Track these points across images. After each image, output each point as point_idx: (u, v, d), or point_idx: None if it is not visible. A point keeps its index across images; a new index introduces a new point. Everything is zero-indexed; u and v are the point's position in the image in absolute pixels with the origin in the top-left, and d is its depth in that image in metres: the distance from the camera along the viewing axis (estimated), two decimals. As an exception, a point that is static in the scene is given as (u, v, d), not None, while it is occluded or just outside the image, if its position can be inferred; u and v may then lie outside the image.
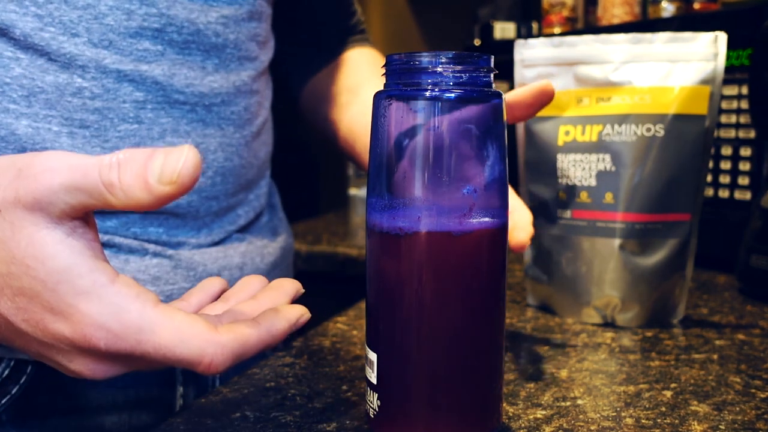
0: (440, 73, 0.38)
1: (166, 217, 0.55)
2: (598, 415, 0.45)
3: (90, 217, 0.34)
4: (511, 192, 0.56)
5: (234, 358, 0.33)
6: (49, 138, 0.49)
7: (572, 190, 0.65)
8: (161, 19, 0.52)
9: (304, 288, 0.43)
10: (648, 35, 0.63)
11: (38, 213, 0.32)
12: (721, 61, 0.62)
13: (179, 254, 0.56)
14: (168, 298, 0.55)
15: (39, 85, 0.48)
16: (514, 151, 0.68)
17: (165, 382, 0.58)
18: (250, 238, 0.64)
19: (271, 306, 0.38)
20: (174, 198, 0.32)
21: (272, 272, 0.66)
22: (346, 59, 0.76)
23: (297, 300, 0.42)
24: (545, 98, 0.53)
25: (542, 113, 0.66)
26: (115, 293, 0.32)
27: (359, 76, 0.74)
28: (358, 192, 1.74)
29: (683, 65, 0.62)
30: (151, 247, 0.54)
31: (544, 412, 0.45)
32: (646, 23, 1.07)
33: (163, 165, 0.31)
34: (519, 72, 0.68)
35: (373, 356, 0.40)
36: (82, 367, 0.34)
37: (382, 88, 0.40)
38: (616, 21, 1.24)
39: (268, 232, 0.68)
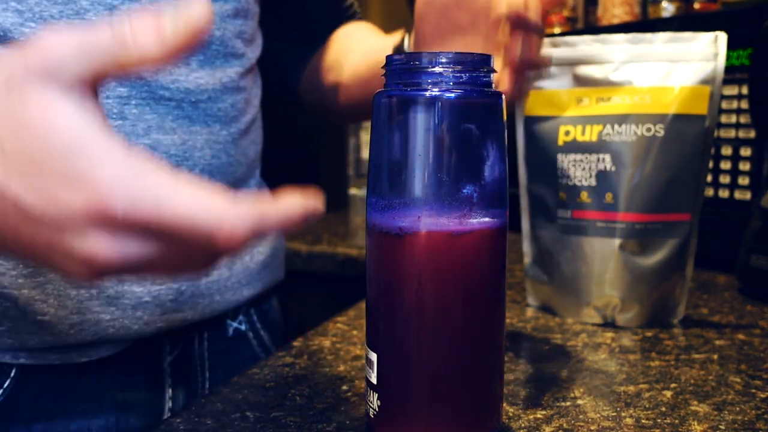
0: (440, 73, 0.38)
1: None
2: (598, 415, 0.45)
3: (98, 93, 0.33)
4: None
5: (252, 231, 0.31)
6: None
7: (572, 190, 0.65)
8: None
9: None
10: (648, 35, 0.63)
11: (49, 81, 0.31)
12: (721, 61, 0.62)
13: None
14: (155, 299, 0.54)
15: None
16: (514, 151, 0.68)
17: (153, 386, 0.58)
18: None
19: None
20: (189, 49, 0.32)
21: (262, 271, 0.66)
22: (339, 32, 0.77)
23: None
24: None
25: (542, 113, 0.67)
26: (132, 159, 0.30)
27: (351, 39, 0.74)
28: (358, 192, 1.74)
29: (683, 65, 0.62)
30: None
31: (544, 412, 0.45)
32: (646, 23, 1.08)
33: (174, 16, 0.31)
34: (519, 72, 0.68)
35: (373, 356, 0.40)
36: (95, 244, 0.31)
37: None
38: (616, 21, 1.24)
39: None
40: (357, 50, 0.71)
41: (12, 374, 0.51)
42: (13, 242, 0.32)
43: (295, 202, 0.32)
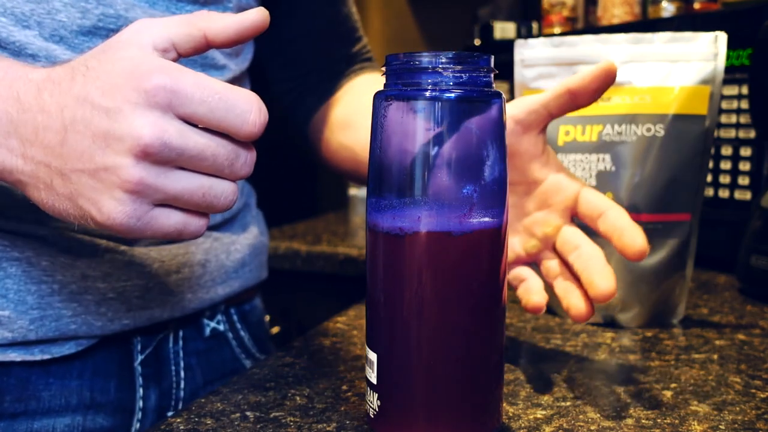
0: (440, 73, 0.38)
1: None
2: (598, 415, 0.45)
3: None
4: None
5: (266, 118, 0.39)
6: None
7: (572, 190, 0.65)
8: (118, 21, 0.52)
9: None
10: (648, 35, 0.63)
11: (133, 39, 0.39)
12: (721, 61, 0.62)
13: (133, 251, 0.55)
14: (120, 296, 0.54)
15: None
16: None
17: (124, 385, 0.57)
18: (216, 234, 0.63)
19: None
20: (250, 33, 0.41)
21: (240, 269, 0.65)
22: (351, 87, 0.74)
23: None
24: (611, 78, 0.50)
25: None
26: (178, 63, 0.40)
27: (362, 99, 0.71)
28: (358, 192, 1.74)
29: (683, 65, 0.62)
30: (103, 242, 0.53)
31: (544, 412, 0.45)
32: (646, 23, 1.07)
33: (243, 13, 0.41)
34: (519, 72, 0.68)
35: (373, 356, 0.40)
36: (141, 122, 0.36)
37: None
38: (616, 21, 1.24)
39: (237, 228, 0.66)
40: (366, 120, 0.69)
41: None
42: (75, 155, 0.38)
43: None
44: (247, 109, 0.38)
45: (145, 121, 0.36)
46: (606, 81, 0.50)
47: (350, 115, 0.70)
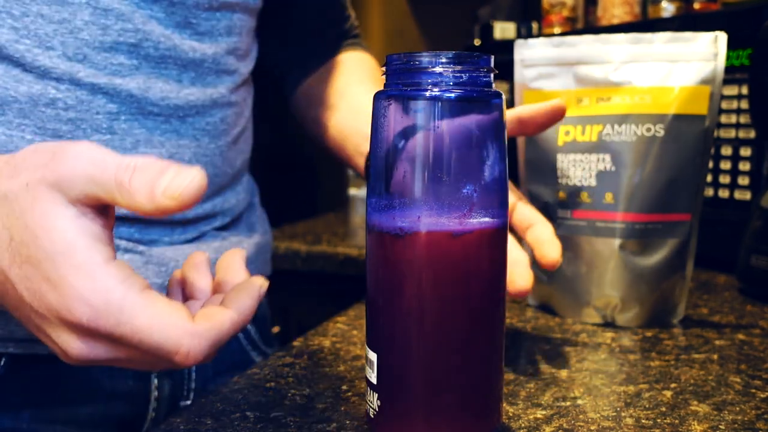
0: (440, 73, 0.38)
1: (138, 220, 0.55)
2: (598, 415, 0.45)
3: (109, 209, 0.37)
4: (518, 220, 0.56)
5: (211, 347, 0.36)
6: (23, 146, 0.49)
7: (572, 190, 0.65)
8: (137, 35, 0.52)
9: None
10: (648, 35, 0.63)
11: (57, 192, 0.35)
12: (721, 61, 0.62)
13: (151, 251, 0.56)
14: None
15: (12, 94, 0.49)
16: (514, 151, 0.68)
17: (140, 375, 0.58)
18: (225, 235, 0.64)
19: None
20: (173, 212, 0.35)
21: (247, 268, 0.66)
22: (337, 62, 0.76)
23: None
24: (558, 116, 0.56)
25: (542, 113, 0.67)
26: (104, 273, 0.35)
27: (348, 78, 0.74)
28: (358, 192, 1.74)
29: (683, 65, 0.62)
30: (123, 243, 0.54)
31: (544, 412, 0.45)
32: (646, 23, 1.07)
33: (170, 181, 0.35)
34: (519, 72, 0.68)
35: (373, 356, 0.40)
36: (67, 343, 0.36)
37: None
38: (616, 21, 1.24)
39: (244, 228, 0.68)
40: (349, 104, 0.71)
41: (1, 363, 0.52)
42: (13, 313, 0.38)
43: (244, 298, 0.38)
44: (172, 352, 0.35)
45: (69, 341, 0.36)
46: (554, 118, 0.56)
47: (328, 95, 0.73)
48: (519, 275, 0.51)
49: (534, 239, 0.54)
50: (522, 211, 0.56)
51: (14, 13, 0.48)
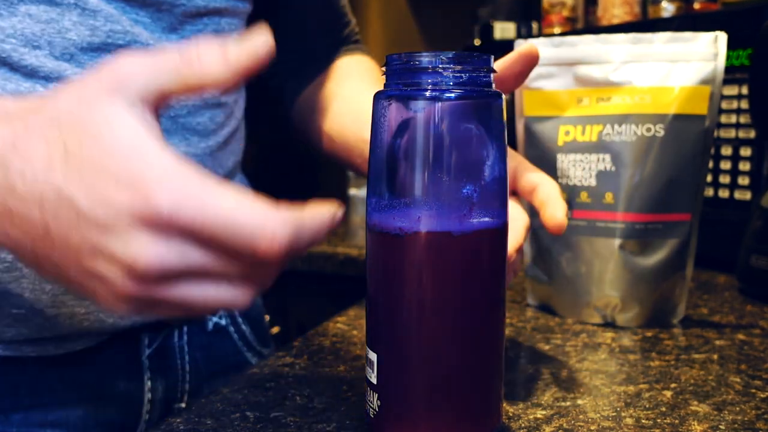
0: (440, 73, 0.38)
1: None
2: (598, 415, 0.45)
3: (159, 112, 0.36)
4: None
5: (290, 240, 0.32)
6: None
7: (572, 190, 0.65)
8: (126, 36, 0.52)
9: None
10: (648, 35, 0.63)
11: (116, 95, 0.33)
12: (721, 61, 0.62)
13: None
14: None
15: (0, 92, 0.49)
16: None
17: (132, 378, 0.58)
18: None
19: None
20: (249, 74, 0.35)
21: None
22: (336, 67, 0.75)
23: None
24: (532, 61, 0.52)
25: (542, 113, 0.67)
26: (182, 165, 0.33)
27: (349, 82, 0.73)
28: (358, 192, 1.74)
29: (683, 65, 0.62)
30: None
31: (544, 412, 0.45)
32: (646, 23, 1.08)
33: (239, 45, 0.35)
34: (519, 72, 0.68)
35: (373, 356, 0.40)
36: (138, 247, 0.32)
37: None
38: (616, 21, 1.24)
39: None
40: (348, 108, 0.69)
41: None
42: (61, 250, 0.33)
43: (323, 211, 0.35)
44: (258, 234, 0.32)
45: (141, 244, 0.32)
46: (528, 64, 0.52)
47: (328, 101, 0.72)
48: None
49: (540, 201, 0.51)
50: (525, 175, 0.54)
51: (2, 13, 0.48)
